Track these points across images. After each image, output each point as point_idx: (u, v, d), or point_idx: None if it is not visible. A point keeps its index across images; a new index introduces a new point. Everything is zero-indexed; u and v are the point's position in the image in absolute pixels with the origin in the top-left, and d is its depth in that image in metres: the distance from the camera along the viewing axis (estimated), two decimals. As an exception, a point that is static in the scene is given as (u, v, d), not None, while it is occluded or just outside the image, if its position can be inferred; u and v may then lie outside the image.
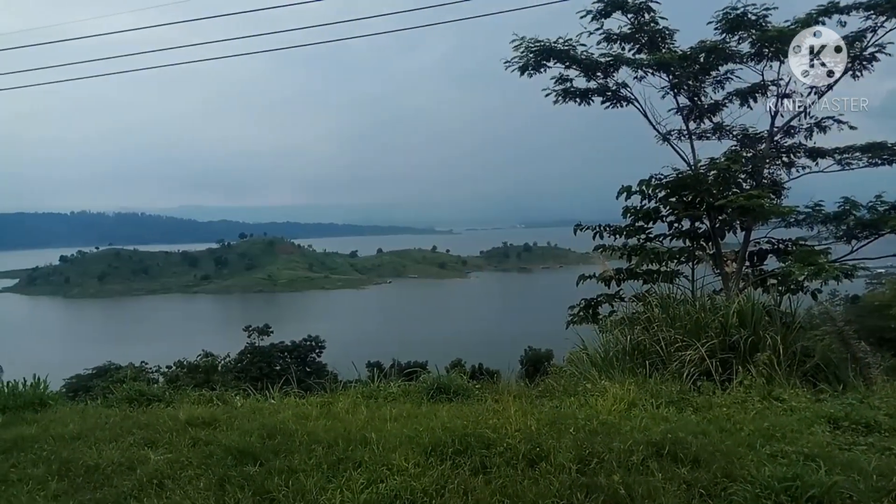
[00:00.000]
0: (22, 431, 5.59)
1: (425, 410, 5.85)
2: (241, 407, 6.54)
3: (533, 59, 11.99)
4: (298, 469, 4.26)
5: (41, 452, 4.97)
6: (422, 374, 7.72)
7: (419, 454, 4.43)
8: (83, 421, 5.93)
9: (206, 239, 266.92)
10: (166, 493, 4.00)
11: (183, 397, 7.09)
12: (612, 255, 12.33)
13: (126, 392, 6.96)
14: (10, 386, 7.08)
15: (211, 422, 5.65)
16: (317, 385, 8.09)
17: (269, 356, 55.60)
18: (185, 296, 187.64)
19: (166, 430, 5.40)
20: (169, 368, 44.56)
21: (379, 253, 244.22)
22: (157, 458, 4.62)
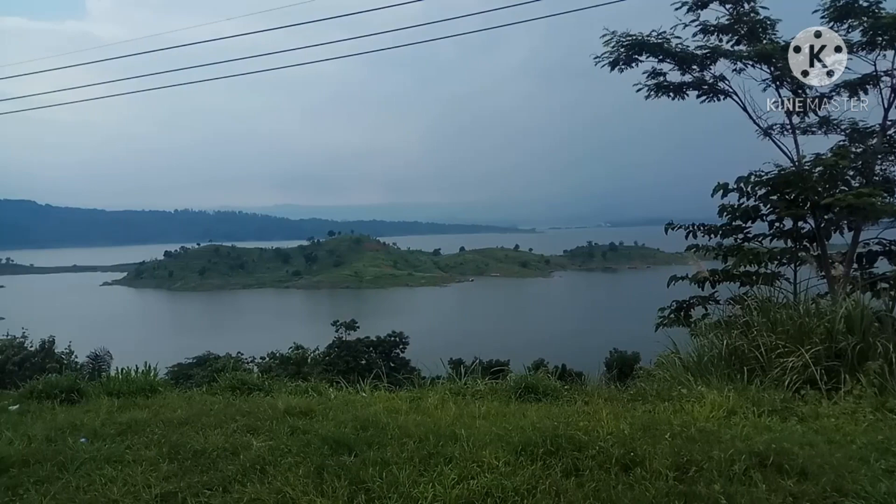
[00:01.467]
0: (135, 415, 6.01)
1: (513, 409, 5.85)
2: (335, 399, 6.77)
3: (624, 54, 11.74)
4: (391, 461, 4.36)
5: (152, 436, 5.32)
6: (506, 372, 7.72)
7: (509, 453, 4.44)
8: (190, 407, 6.31)
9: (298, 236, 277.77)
10: (268, 478, 4.19)
11: (280, 387, 7.41)
12: (706, 256, 11.89)
13: (229, 381, 7.35)
14: (124, 373, 7.64)
15: (307, 412, 5.89)
16: (405, 380, 8.24)
17: (356, 350, 57.14)
18: (278, 290, 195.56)
19: (266, 418, 5.67)
20: (263, 359, 46.64)
21: (461, 251, 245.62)
22: (258, 445, 4.85)
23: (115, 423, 5.70)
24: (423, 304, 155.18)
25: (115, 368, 11.17)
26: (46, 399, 6.95)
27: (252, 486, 4.05)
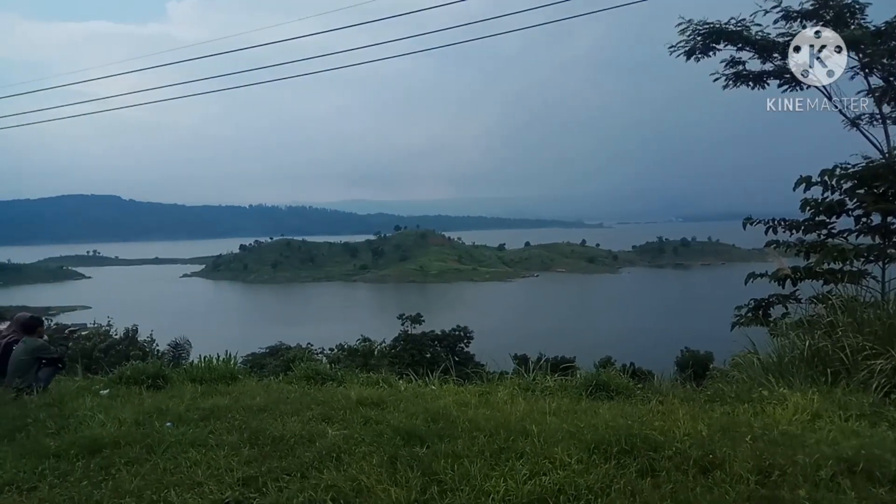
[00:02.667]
0: (217, 402, 6.27)
1: (584, 407, 5.77)
2: (405, 390, 6.87)
3: (701, 43, 11.32)
4: (462, 454, 4.38)
5: (234, 421, 5.55)
6: (574, 369, 7.62)
7: (582, 450, 4.39)
8: (268, 395, 6.54)
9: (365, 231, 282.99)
10: (343, 466, 4.30)
11: (352, 378, 7.58)
12: (787, 253, 11.34)
13: (304, 371, 7.59)
14: (206, 360, 7.99)
15: (379, 402, 6.00)
16: (473, 374, 8.27)
17: (421, 344, 57.75)
18: (345, 283, 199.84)
19: (340, 407, 5.82)
20: (331, 350, 47.75)
21: (526, 246, 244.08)
22: (333, 434, 4.98)
23: (198, 408, 5.97)
24: (487, 299, 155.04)
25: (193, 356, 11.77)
26: (134, 384, 7.36)
27: (328, 472, 4.16)
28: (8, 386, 6.92)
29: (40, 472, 4.47)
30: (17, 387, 6.82)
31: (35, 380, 7.04)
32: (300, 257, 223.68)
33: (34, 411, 5.91)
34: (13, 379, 6.99)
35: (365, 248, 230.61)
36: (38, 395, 6.68)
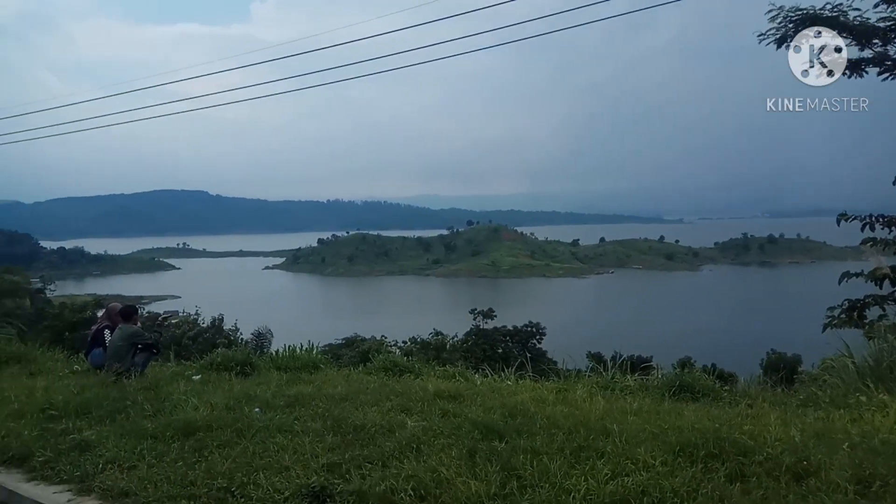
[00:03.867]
0: (301, 390, 6.50)
1: (667, 408, 5.62)
2: (481, 385, 6.89)
3: (793, 30, 10.73)
4: (541, 451, 4.36)
5: (317, 409, 5.73)
6: (652, 369, 7.41)
7: (666, 452, 4.27)
8: (348, 385, 6.72)
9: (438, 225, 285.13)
10: (423, 457, 4.36)
11: (429, 371, 7.68)
12: (886, 251, 10.63)
13: (382, 363, 7.75)
14: (290, 350, 8.29)
15: (456, 396, 6.05)
16: (549, 371, 8.20)
17: (493, 339, 57.62)
18: (419, 278, 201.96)
19: (418, 399, 5.90)
20: (404, 343, 48.43)
21: (601, 242, 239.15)
22: (413, 425, 5.06)
23: (283, 395, 6.21)
24: (560, 296, 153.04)
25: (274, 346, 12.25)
26: (224, 371, 7.73)
27: (409, 463, 4.23)
28: (108, 370, 7.40)
29: (139, 451, 4.77)
30: (116, 371, 7.29)
31: (132, 364, 7.50)
32: (375, 251, 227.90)
33: (132, 394, 6.29)
34: (112, 363, 7.47)
35: (437, 242, 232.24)
36: (135, 379, 7.12)
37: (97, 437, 5.07)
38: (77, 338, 28.25)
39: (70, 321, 35.66)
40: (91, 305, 41.08)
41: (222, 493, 4.00)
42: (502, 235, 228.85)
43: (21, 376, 8.05)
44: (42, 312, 39.63)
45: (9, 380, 7.77)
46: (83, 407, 5.86)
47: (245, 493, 3.96)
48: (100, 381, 7.02)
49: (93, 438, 5.05)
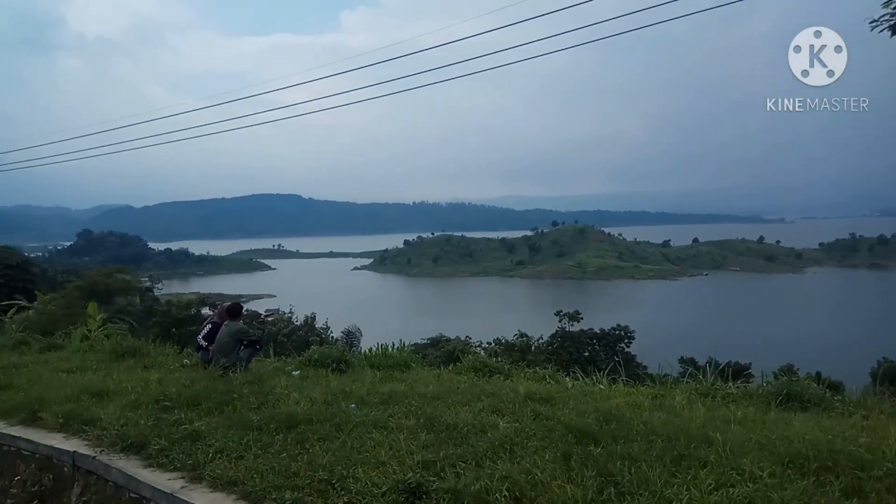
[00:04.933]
0: (394, 387, 6.63)
1: (773, 417, 5.33)
2: (572, 388, 6.79)
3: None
4: (639, 458, 4.24)
5: (410, 407, 5.83)
6: (752, 377, 7.03)
7: (774, 463, 4.06)
8: (439, 384, 6.80)
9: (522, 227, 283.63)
10: (517, 458, 4.35)
11: (518, 373, 7.65)
12: None
13: (472, 363, 7.79)
14: (382, 348, 8.48)
15: (547, 398, 5.99)
16: (644, 376, 7.97)
17: (579, 342, 56.65)
18: (502, 279, 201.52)
19: (509, 401, 5.89)
20: (489, 344, 48.44)
21: (694, 243, 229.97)
22: (505, 426, 5.06)
23: (377, 392, 6.37)
24: (649, 299, 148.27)
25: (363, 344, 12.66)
26: (320, 367, 8.01)
27: (502, 464, 4.23)
28: (215, 364, 7.84)
29: (245, 442, 5.01)
30: (223, 365, 7.71)
31: (238, 359, 7.90)
32: (459, 252, 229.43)
33: (238, 388, 6.62)
34: (219, 358, 7.90)
35: (522, 243, 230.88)
36: (240, 373, 7.50)
37: (207, 428, 5.36)
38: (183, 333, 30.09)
39: (176, 318, 38.04)
40: (195, 303, 43.63)
41: (323, 485, 4.14)
42: (589, 236, 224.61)
43: (136, 369, 8.66)
44: (151, 309, 42.46)
45: (125, 372, 8.37)
46: (193, 399, 6.22)
47: (345, 486, 4.08)
48: (208, 375, 7.45)
49: (203, 429, 5.34)
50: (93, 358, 9.59)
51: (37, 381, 7.97)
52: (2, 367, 9.25)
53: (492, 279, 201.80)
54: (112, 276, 40.82)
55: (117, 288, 39.32)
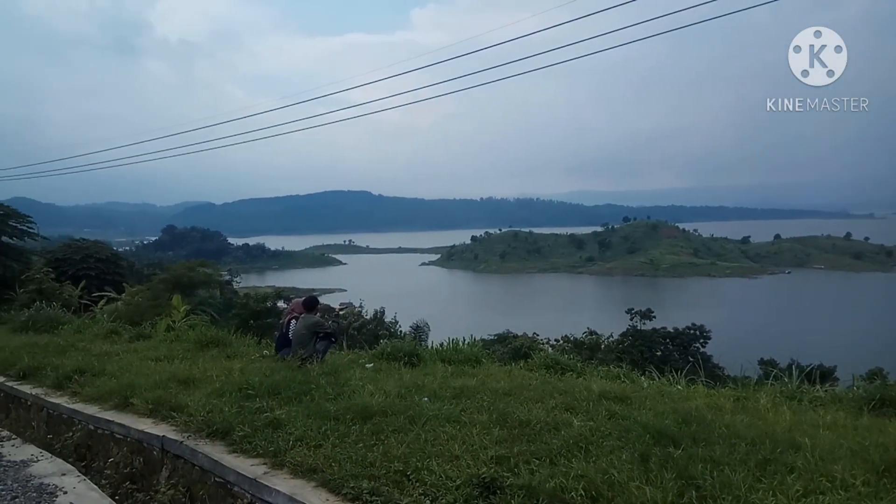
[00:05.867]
0: (466, 382, 6.66)
1: (866, 423, 5.04)
2: (648, 388, 6.63)
3: None
4: (722, 461, 4.10)
5: (482, 402, 5.85)
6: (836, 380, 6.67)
7: (868, 471, 3.84)
8: (510, 380, 6.78)
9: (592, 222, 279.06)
10: (592, 458, 4.28)
11: (591, 370, 7.53)
12: None
13: (543, 360, 7.74)
14: (453, 343, 8.54)
15: (622, 398, 5.87)
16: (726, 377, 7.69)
17: (651, 340, 55.31)
18: (571, 275, 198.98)
19: (582, 399, 5.81)
20: (556, 341, 47.93)
21: (776, 239, 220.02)
22: (579, 424, 4.99)
23: (449, 387, 6.41)
24: (726, 297, 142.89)
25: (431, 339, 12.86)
26: (392, 360, 8.15)
27: (577, 462, 4.18)
28: (293, 356, 8.10)
29: (323, 431, 5.15)
30: (300, 357, 7.96)
31: (314, 351, 8.14)
32: (527, 248, 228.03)
33: (315, 378, 6.81)
34: (296, 350, 8.16)
35: (591, 239, 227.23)
36: (317, 365, 7.72)
37: (287, 417, 5.54)
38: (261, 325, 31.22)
39: (254, 310, 39.51)
40: (272, 296, 45.16)
41: (399, 476, 4.21)
42: (662, 232, 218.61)
43: (220, 358, 9.04)
44: (230, 302, 44.20)
45: (210, 361, 8.75)
46: (274, 388, 6.44)
47: (420, 478, 4.13)
48: (286, 366, 7.70)
49: (283, 417, 5.52)
50: (179, 347, 10.09)
51: (127, 369, 8.42)
52: (95, 354, 9.82)
53: (560, 275, 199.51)
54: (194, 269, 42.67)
55: (199, 281, 41.07)
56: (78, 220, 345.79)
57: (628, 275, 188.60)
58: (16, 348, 10.69)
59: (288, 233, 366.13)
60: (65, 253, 38.08)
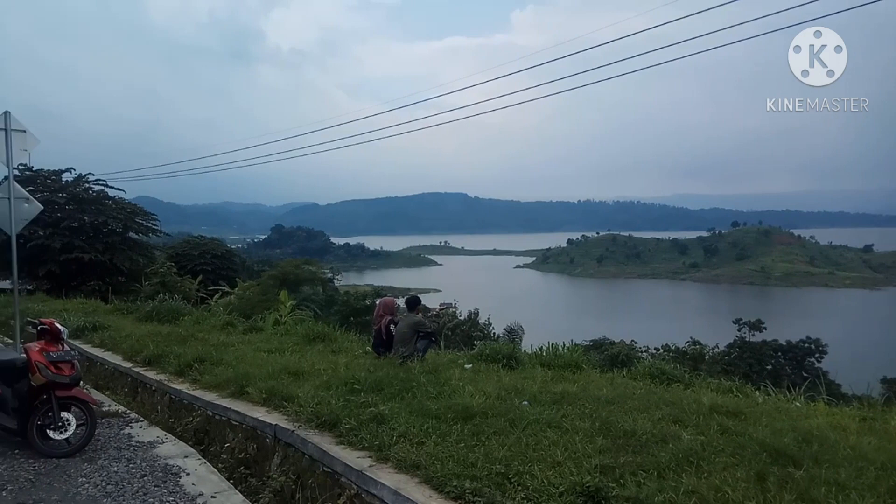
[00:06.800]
0: (566, 388, 6.56)
1: None
2: (763, 403, 6.27)
3: None
4: (847, 485, 3.82)
5: (583, 409, 5.73)
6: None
7: None
8: (613, 388, 6.61)
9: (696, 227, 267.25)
10: (703, 473, 4.10)
11: (700, 382, 7.21)
12: None
13: (648, 368, 7.49)
14: (553, 347, 8.44)
15: (736, 413, 5.58)
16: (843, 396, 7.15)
17: (760, 353, 52.30)
18: (673, 282, 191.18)
19: (691, 412, 5.57)
20: (656, 350, 46.18)
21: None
22: (689, 438, 4.79)
23: (549, 392, 6.35)
24: (845, 310, 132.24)
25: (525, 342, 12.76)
26: (491, 362, 8.17)
27: (688, 477, 4.01)
28: (395, 354, 8.30)
29: (425, 429, 5.23)
30: (402, 354, 8.14)
31: (415, 349, 8.30)
32: (625, 253, 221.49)
33: (417, 377, 6.94)
34: (398, 348, 8.36)
35: (696, 245, 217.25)
36: (417, 363, 7.87)
37: (390, 412, 5.68)
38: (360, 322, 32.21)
39: (354, 307, 40.83)
40: (370, 295, 46.48)
41: (500, 478, 4.20)
42: (774, 238, 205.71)
43: (326, 353, 9.43)
44: (331, 299, 45.93)
45: (317, 355, 9.15)
46: (377, 384, 6.63)
47: (521, 482, 4.11)
48: (388, 363, 7.91)
49: (386, 413, 5.66)
50: (288, 341, 10.61)
51: (242, 359, 8.94)
52: (213, 345, 10.50)
53: (660, 282, 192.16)
54: (300, 266, 44.72)
55: (304, 278, 43.00)
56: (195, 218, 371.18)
57: (736, 283, 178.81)
58: (142, 336, 11.63)
59: (386, 233, 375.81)
60: (184, 249, 41.05)
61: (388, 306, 8.98)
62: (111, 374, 10.73)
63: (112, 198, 30.66)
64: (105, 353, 11.46)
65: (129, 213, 30.64)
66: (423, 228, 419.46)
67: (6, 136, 10.10)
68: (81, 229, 27.39)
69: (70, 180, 30.04)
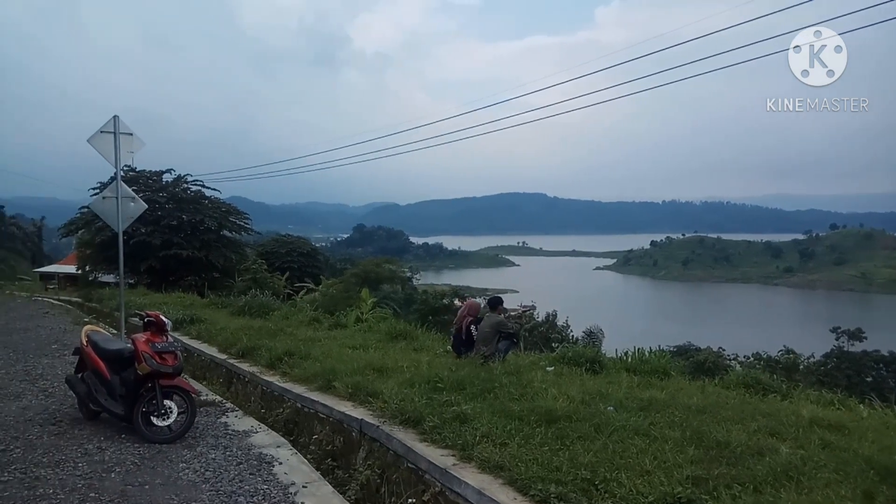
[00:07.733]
0: (654, 395, 6.38)
1: None
2: (868, 417, 5.88)
3: None
4: (970, 512, 3.53)
5: (673, 417, 5.55)
6: None
7: None
8: (704, 397, 6.37)
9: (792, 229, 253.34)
10: (804, 489, 3.89)
11: (798, 394, 6.85)
12: None
13: (742, 377, 7.18)
14: (639, 352, 8.23)
15: (838, 427, 5.27)
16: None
17: (860, 364, 49.21)
18: (764, 286, 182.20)
19: (790, 424, 5.30)
20: (746, 358, 44.11)
21: None
22: (787, 451, 4.56)
23: (636, 398, 6.19)
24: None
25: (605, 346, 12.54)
26: (574, 365, 8.06)
27: (787, 493, 3.82)
28: (476, 353, 8.34)
29: (508, 430, 5.22)
30: (483, 354, 8.17)
31: (496, 350, 8.31)
32: (713, 255, 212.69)
33: (498, 377, 6.94)
34: (479, 347, 8.38)
35: (791, 248, 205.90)
36: (499, 364, 7.87)
37: (472, 412, 5.71)
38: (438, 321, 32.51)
39: (433, 306, 41.25)
40: (448, 294, 46.84)
41: (586, 484, 4.13)
42: (878, 242, 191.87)
43: (408, 350, 9.59)
44: (410, 297, 46.60)
45: (399, 353, 9.32)
46: (459, 383, 6.67)
47: (608, 490, 4.03)
48: (470, 362, 7.95)
49: (469, 412, 5.69)
50: (372, 337, 10.87)
51: (329, 354, 9.22)
52: (301, 339, 10.88)
53: (751, 286, 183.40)
54: (380, 265, 45.66)
55: (384, 276, 43.89)
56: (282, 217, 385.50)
57: (834, 289, 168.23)
58: (235, 330, 12.20)
59: (464, 233, 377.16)
60: (273, 247, 42.80)
61: (474, 308, 9.02)
62: (207, 364, 11.33)
63: (208, 197, 32.22)
64: (202, 345, 12.10)
65: (223, 212, 32.15)
66: (501, 228, 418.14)
67: (115, 138, 10.89)
68: (180, 227, 28.96)
69: (170, 181, 31.80)
